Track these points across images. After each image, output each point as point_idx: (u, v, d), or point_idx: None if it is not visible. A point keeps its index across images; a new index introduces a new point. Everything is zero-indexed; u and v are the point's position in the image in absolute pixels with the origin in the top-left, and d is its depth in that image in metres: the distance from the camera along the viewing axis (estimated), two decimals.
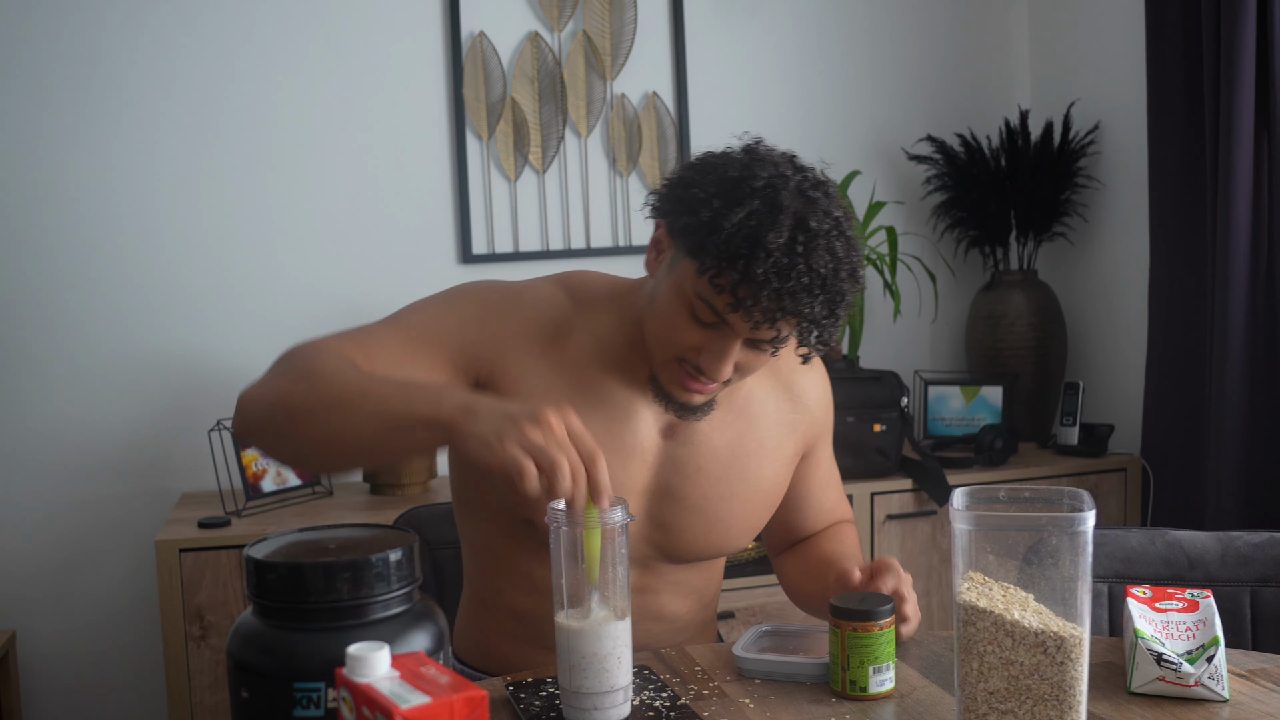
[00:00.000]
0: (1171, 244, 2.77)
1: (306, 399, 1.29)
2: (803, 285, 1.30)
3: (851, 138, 3.25)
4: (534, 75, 3.02)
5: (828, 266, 1.32)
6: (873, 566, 1.44)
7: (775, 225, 1.30)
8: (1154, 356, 2.83)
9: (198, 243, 2.88)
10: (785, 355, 1.54)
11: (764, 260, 1.29)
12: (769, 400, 1.58)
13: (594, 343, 1.50)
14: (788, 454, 1.60)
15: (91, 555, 2.85)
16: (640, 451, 1.50)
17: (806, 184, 1.36)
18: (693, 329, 1.38)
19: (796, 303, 1.31)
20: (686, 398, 1.44)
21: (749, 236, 1.30)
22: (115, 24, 2.80)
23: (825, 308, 1.33)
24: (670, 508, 1.52)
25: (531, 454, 1.17)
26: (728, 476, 1.54)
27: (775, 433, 1.58)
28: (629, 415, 1.50)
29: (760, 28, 3.18)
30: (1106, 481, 2.90)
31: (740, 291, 1.31)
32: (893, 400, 2.80)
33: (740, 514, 1.56)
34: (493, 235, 3.02)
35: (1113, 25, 3.07)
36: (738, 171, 1.36)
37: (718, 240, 1.31)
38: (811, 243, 1.31)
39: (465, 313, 1.48)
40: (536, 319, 1.49)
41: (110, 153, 2.82)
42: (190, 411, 2.85)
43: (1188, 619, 1.38)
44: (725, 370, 1.38)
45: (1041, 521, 1.18)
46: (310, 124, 2.92)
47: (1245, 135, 2.50)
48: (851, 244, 1.36)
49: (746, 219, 1.31)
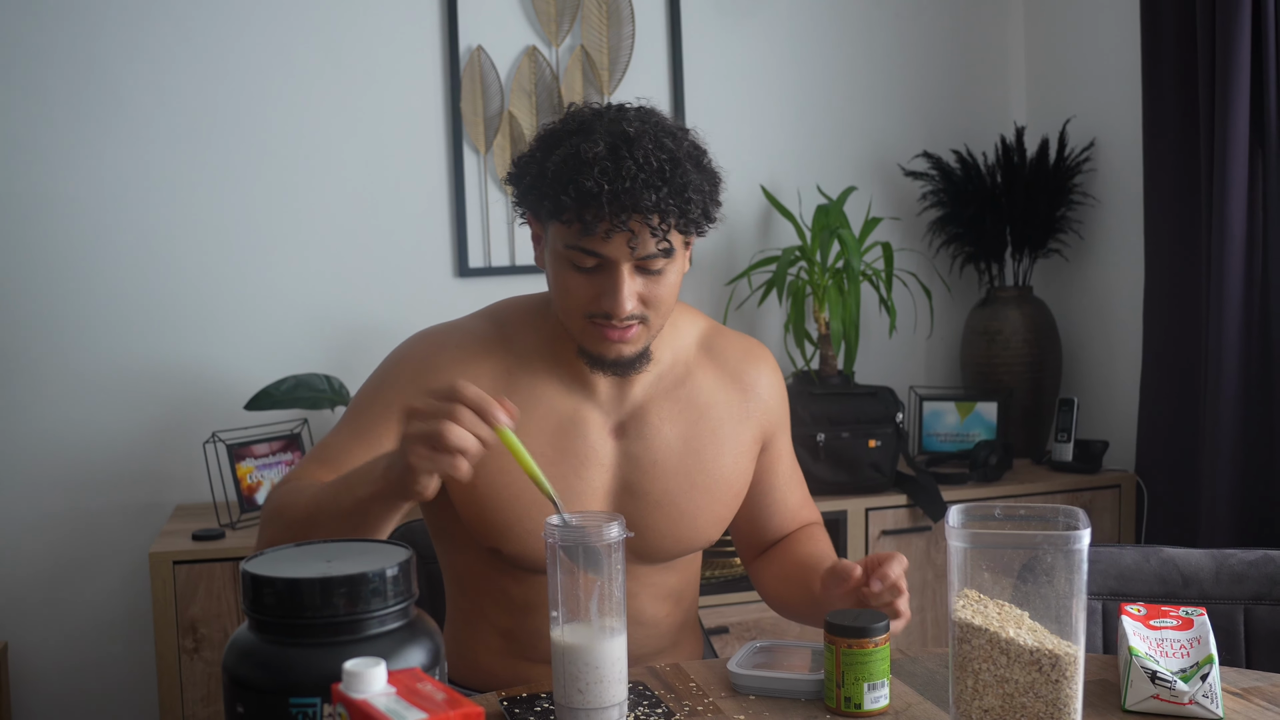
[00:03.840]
0: (1166, 261, 2.78)
1: (285, 533, 1.36)
2: (639, 182, 1.35)
3: (848, 154, 3.26)
4: (531, 89, 3.02)
5: (659, 158, 1.37)
6: (876, 557, 1.41)
7: (591, 142, 1.37)
8: (1149, 373, 2.84)
9: (194, 255, 2.88)
10: (730, 348, 1.61)
11: (589, 172, 1.35)
12: (717, 390, 1.60)
13: (529, 359, 1.53)
14: (744, 442, 1.61)
15: (85, 566, 2.84)
16: (595, 455, 1.53)
17: (622, 111, 1.44)
18: (580, 279, 1.42)
19: (636, 198, 1.35)
20: (615, 351, 1.46)
21: (569, 161, 1.37)
22: (113, 36, 2.81)
23: (672, 195, 1.37)
24: (634, 506, 1.54)
25: (419, 444, 1.22)
26: (685, 467, 1.55)
27: (728, 421, 1.59)
28: (577, 422, 1.53)
29: (758, 44, 3.19)
30: (1101, 498, 2.90)
31: (585, 214, 1.36)
32: (888, 416, 2.80)
33: (704, 505, 1.57)
34: (489, 249, 3.03)
35: (1108, 43, 3.08)
36: (552, 127, 1.46)
37: (548, 181, 1.38)
38: (633, 144, 1.37)
39: (401, 380, 1.52)
40: (470, 357, 1.53)
41: (107, 165, 2.82)
42: (185, 424, 2.84)
43: (1182, 637, 1.38)
44: (625, 302, 1.40)
45: (1036, 539, 1.19)
46: (308, 136, 2.92)
47: (1239, 153, 2.51)
48: (683, 139, 1.42)
49: (566, 152, 1.39)
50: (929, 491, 2.77)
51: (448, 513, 1.55)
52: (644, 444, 1.55)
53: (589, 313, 1.44)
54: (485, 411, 1.23)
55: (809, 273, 2.98)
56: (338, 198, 2.95)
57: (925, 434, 3.14)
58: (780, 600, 1.67)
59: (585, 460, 1.52)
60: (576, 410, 1.53)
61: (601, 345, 1.46)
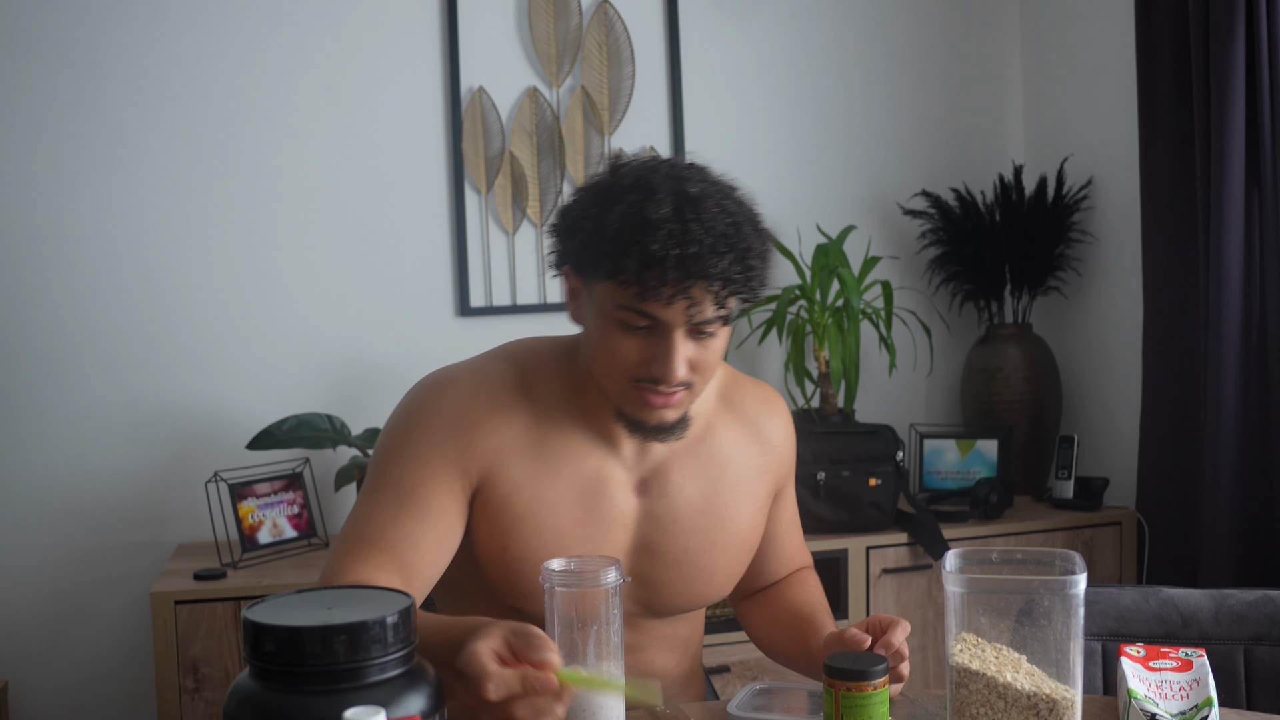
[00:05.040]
0: (1165, 298, 2.79)
1: None
2: (705, 246, 1.30)
3: (847, 193, 3.28)
4: (532, 130, 3.05)
5: (724, 222, 1.33)
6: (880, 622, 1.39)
7: (655, 202, 1.32)
8: (1148, 410, 2.84)
9: (196, 295, 2.89)
10: (747, 397, 1.58)
11: (655, 235, 1.30)
12: (737, 445, 1.57)
13: (553, 412, 1.48)
14: (760, 497, 1.59)
15: (86, 606, 2.84)
16: (618, 514, 1.50)
17: (676, 167, 1.39)
18: (631, 342, 1.38)
19: (703, 265, 1.31)
20: (657, 417, 1.42)
21: (634, 221, 1.31)
22: (116, 77, 2.83)
23: (736, 263, 1.33)
24: (652, 564, 1.52)
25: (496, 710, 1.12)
26: (705, 525, 1.53)
27: (747, 476, 1.57)
28: (601, 480, 1.49)
29: (757, 84, 3.22)
30: (1102, 535, 2.90)
31: (646, 276, 1.31)
32: (888, 454, 2.81)
33: (721, 562, 1.56)
34: (490, 288, 3.04)
35: (1105, 83, 3.11)
36: (604, 180, 1.39)
37: (607, 241, 1.33)
38: (698, 206, 1.32)
39: (441, 443, 1.44)
40: (503, 422, 1.46)
41: (110, 205, 2.84)
42: (187, 463, 2.85)
43: (1181, 678, 1.38)
44: (677, 368, 1.36)
45: (1033, 584, 1.19)
46: (310, 176, 2.94)
47: (1236, 190, 2.52)
48: (743, 202, 1.39)
49: (627, 210, 1.33)
50: (930, 529, 2.77)
51: (467, 570, 1.50)
52: (666, 502, 1.52)
53: (636, 376, 1.39)
54: (543, 688, 1.11)
55: (809, 311, 2.99)
56: (340, 237, 2.96)
57: (926, 472, 3.14)
58: (770, 645, 1.66)
59: (610, 520, 1.49)
60: (601, 467, 1.50)
61: (644, 411, 1.41)
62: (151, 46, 2.85)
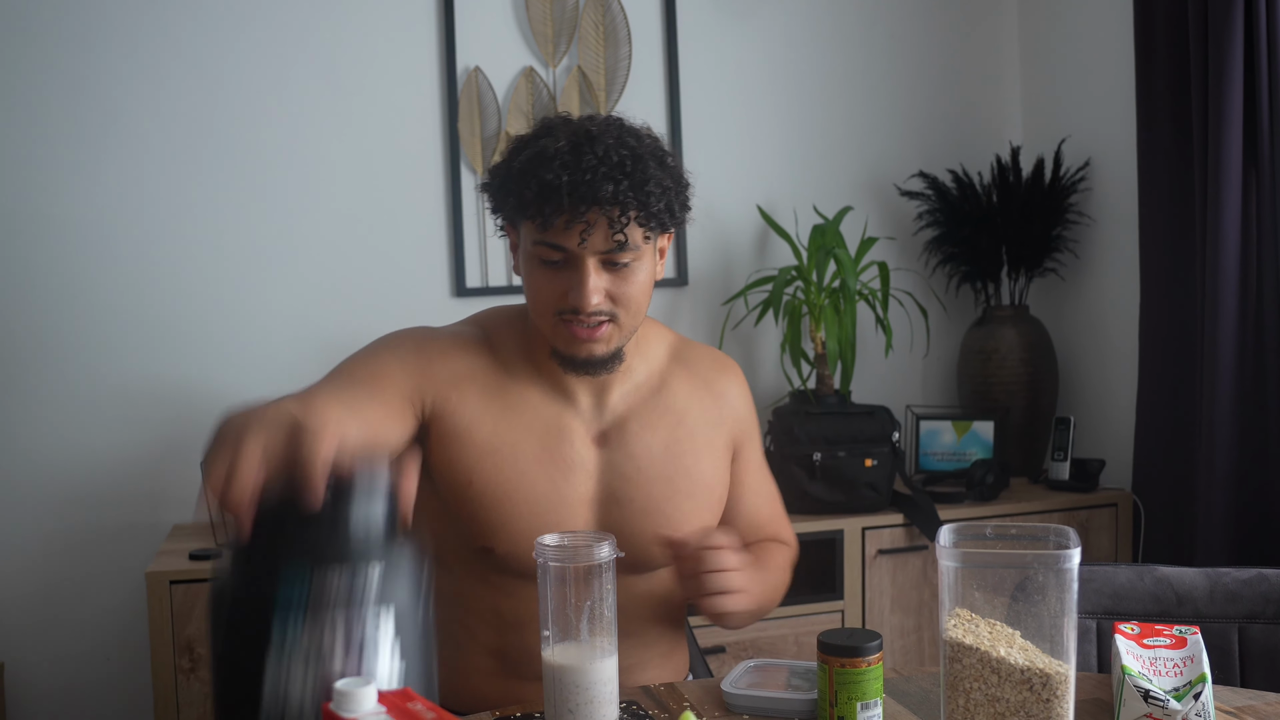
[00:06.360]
0: (1162, 280, 2.79)
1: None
2: (599, 175, 1.39)
3: (844, 174, 3.28)
4: (529, 110, 3.04)
5: (619, 154, 1.41)
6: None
7: (553, 138, 1.43)
8: (1145, 392, 2.84)
9: (191, 275, 2.89)
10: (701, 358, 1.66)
11: (550, 166, 1.39)
12: (691, 397, 1.63)
13: (513, 365, 1.56)
14: (719, 448, 1.64)
15: (82, 586, 2.84)
16: (580, 463, 1.55)
17: (592, 119, 1.48)
18: (549, 275, 1.46)
19: (594, 190, 1.39)
20: (585, 350, 1.49)
21: (534, 157, 1.42)
22: (109, 56, 2.82)
23: (631, 190, 1.41)
24: (619, 514, 1.56)
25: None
26: (667, 474, 1.58)
27: (704, 427, 1.63)
28: (561, 430, 1.55)
29: (755, 65, 3.21)
30: (1098, 516, 2.90)
31: (546, 207, 1.40)
32: (884, 435, 2.81)
33: (688, 510, 1.59)
34: (486, 269, 3.03)
35: (1103, 64, 3.10)
36: (523, 134, 1.50)
37: (512, 181, 1.43)
38: (594, 141, 1.41)
39: (403, 354, 1.53)
40: (462, 355, 1.55)
41: (105, 186, 2.83)
42: (182, 443, 2.85)
43: (1175, 655, 1.38)
44: (590, 295, 1.43)
45: (1027, 559, 1.19)
46: (305, 157, 2.93)
47: (1233, 171, 2.52)
48: (650, 141, 1.47)
49: (530, 151, 1.44)
50: (925, 511, 2.77)
51: (441, 520, 1.56)
52: (626, 452, 1.57)
53: (558, 310, 1.47)
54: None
55: (805, 292, 2.99)
56: (335, 217, 2.96)
57: (922, 453, 3.14)
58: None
59: (572, 466, 1.55)
60: (559, 418, 1.56)
61: (573, 345, 1.49)
62: (145, 26, 2.83)
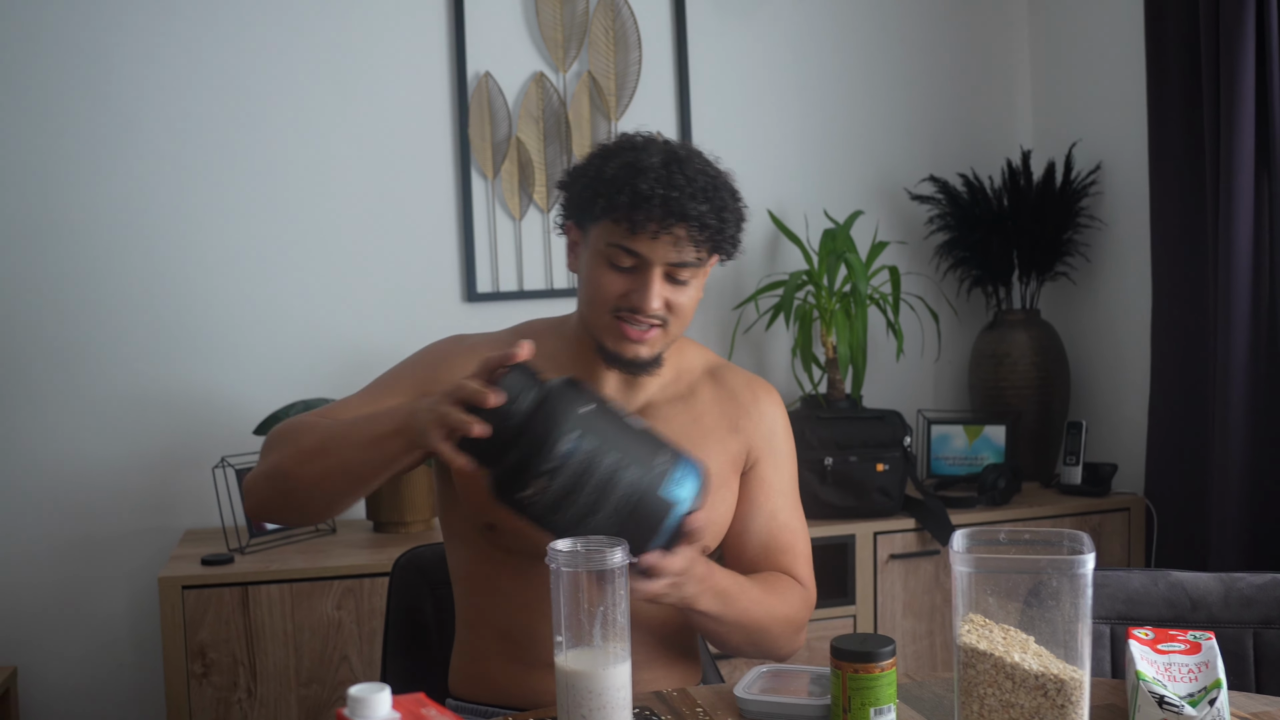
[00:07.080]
0: (1173, 283, 2.78)
1: (294, 457, 1.48)
2: (687, 193, 1.48)
3: (855, 178, 3.27)
4: (539, 115, 3.04)
5: (705, 178, 1.51)
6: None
7: (647, 154, 1.52)
8: (1157, 396, 2.83)
9: (204, 281, 2.89)
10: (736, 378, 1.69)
11: (646, 178, 1.48)
12: (714, 404, 1.67)
13: (547, 365, 1.59)
14: (731, 451, 1.65)
15: (94, 591, 2.85)
16: None
17: (670, 141, 1.58)
18: (615, 277, 1.53)
19: (684, 207, 1.48)
20: (632, 350, 1.55)
21: (627, 167, 1.50)
22: (124, 62, 2.83)
23: (713, 213, 1.50)
24: None
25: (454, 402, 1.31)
26: None
27: (717, 430, 1.65)
28: None
29: (764, 69, 3.20)
30: (1110, 521, 2.89)
31: (635, 214, 1.48)
32: (896, 440, 2.80)
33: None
34: (497, 274, 3.04)
35: (1114, 67, 3.09)
36: (607, 144, 1.59)
37: (603, 185, 1.51)
38: (684, 163, 1.52)
39: (424, 361, 1.65)
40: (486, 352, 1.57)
41: (114, 190, 2.84)
42: (194, 448, 2.85)
43: (1190, 661, 1.38)
44: (653, 299, 1.51)
45: (1041, 564, 1.19)
46: (316, 162, 2.94)
47: (1245, 176, 2.51)
48: (723, 174, 1.56)
49: (622, 160, 1.52)
50: (937, 515, 2.76)
51: (449, 501, 1.64)
52: None
53: (616, 308, 1.53)
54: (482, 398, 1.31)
55: (816, 297, 2.99)
56: (346, 223, 2.96)
57: (933, 457, 3.14)
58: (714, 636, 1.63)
59: None
60: None
61: (621, 343, 1.54)
62: (158, 33, 2.84)
